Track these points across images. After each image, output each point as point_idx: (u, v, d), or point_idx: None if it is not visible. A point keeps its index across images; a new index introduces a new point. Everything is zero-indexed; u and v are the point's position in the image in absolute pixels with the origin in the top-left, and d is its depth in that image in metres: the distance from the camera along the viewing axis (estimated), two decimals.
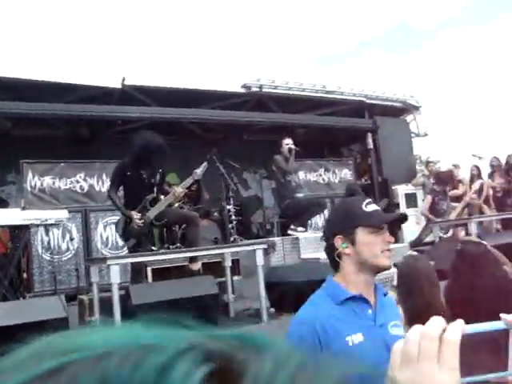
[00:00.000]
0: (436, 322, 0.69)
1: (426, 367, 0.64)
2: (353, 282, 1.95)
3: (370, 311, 1.94)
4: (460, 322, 0.70)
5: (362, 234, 1.93)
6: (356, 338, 1.85)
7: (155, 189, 5.90)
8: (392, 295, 2.26)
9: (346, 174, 12.14)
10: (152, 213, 5.78)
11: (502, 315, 0.76)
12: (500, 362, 0.82)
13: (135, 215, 5.65)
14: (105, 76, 9.56)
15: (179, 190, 5.87)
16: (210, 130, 11.24)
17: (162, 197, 6.03)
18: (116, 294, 4.49)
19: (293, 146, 7.81)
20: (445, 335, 0.67)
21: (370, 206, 1.97)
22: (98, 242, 8.62)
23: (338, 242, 1.96)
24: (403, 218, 2.22)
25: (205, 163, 6.17)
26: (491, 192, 11.10)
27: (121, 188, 5.96)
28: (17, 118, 9.09)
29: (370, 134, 12.14)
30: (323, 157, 12.74)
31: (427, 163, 12.74)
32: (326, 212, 7.96)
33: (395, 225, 3.73)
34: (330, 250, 2.01)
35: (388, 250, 1.96)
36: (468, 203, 10.07)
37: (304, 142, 12.97)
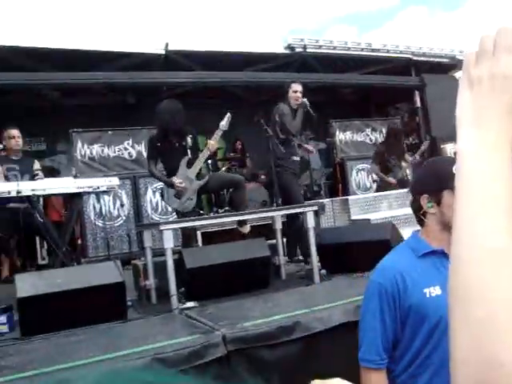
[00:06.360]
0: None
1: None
2: (436, 238, 2.00)
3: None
4: None
5: (448, 196, 1.92)
6: (434, 291, 1.90)
7: (189, 151, 5.91)
8: None
9: None
10: (192, 172, 5.82)
11: None
12: None
13: (175, 180, 5.71)
14: (148, 42, 9.57)
15: (211, 142, 5.82)
16: (255, 92, 11.16)
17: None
18: (170, 259, 4.54)
19: (305, 99, 6.34)
20: None
21: None
22: (148, 207, 8.76)
23: (424, 201, 2.00)
24: None
25: (228, 114, 5.94)
26: None
27: (159, 160, 6.02)
28: (65, 88, 9.21)
29: (417, 92, 11.85)
30: (370, 116, 12.52)
31: None
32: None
33: None
34: (416, 207, 2.06)
35: None
36: None
37: (350, 101, 12.83)
